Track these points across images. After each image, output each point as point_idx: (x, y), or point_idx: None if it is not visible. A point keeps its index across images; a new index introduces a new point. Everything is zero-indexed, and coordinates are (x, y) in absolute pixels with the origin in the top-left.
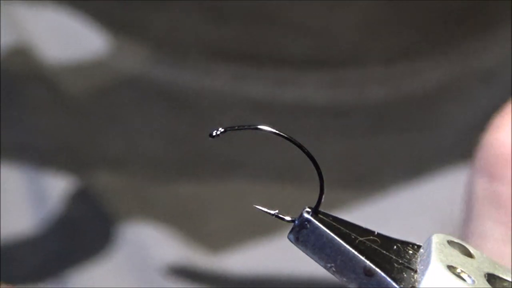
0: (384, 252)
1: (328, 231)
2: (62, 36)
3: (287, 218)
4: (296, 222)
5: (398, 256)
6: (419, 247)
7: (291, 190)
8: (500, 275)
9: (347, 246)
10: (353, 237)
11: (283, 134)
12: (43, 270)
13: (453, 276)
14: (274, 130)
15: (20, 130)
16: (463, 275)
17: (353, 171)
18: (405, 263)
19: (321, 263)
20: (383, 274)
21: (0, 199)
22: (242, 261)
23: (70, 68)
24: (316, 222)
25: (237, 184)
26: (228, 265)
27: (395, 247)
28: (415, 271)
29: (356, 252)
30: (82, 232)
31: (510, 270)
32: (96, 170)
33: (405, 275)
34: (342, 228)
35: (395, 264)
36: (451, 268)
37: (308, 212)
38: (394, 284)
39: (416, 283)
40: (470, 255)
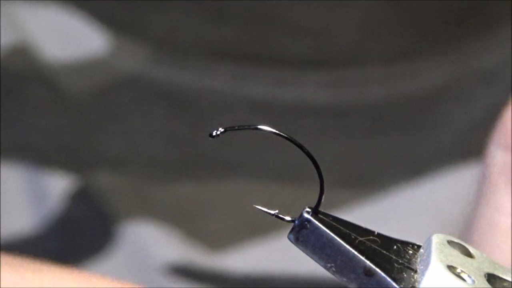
0: (384, 252)
1: (328, 231)
2: (62, 35)
3: (287, 218)
4: (296, 222)
5: (398, 256)
6: (419, 247)
7: (291, 190)
8: (500, 275)
9: (347, 246)
10: (353, 237)
11: (283, 134)
12: None
13: (453, 276)
14: (274, 130)
15: (20, 130)
16: (463, 275)
17: (353, 171)
18: (405, 263)
19: (321, 263)
20: (383, 274)
21: (0, 198)
22: (242, 260)
23: (70, 67)
24: (316, 222)
25: (237, 184)
26: (228, 265)
27: (395, 247)
28: (415, 271)
29: (356, 252)
30: (82, 232)
31: (510, 270)
32: (96, 170)
33: (405, 275)
34: (342, 228)
35: (395, 264)
36: (451, 268)
37: (308, 212)
38: (394, 284)
39: (416, 283)
40: (470, 255)
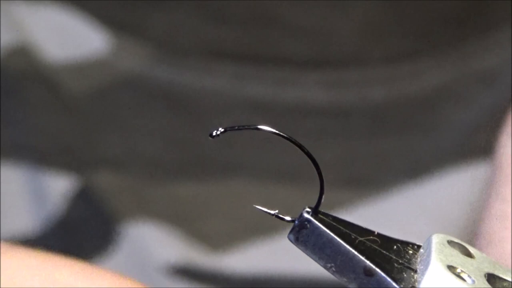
0: (384, 252)
1: (328, 231)
2: (62, 36)
3: (287, 218)
4: (296, 222)
5: (398, 256)
6: (419, 247)
7: (291, 191)
8: (500, 275)
9: (347, 246)
10: (353, 237)
11: (283, 134)
12: None
13: (453, 276)
14: (274, 130)
15: (21, 130)
16: (463, 275)
17: (353, 171)
18: (405, 263)
19: (321, 263)
20: (383, 274)
21: (1, 199)
22: (243, 261)
23: (71, 68)
24: (316, 222)
25: (237, 185)
26: (229, 265)
27: (395, 247)
28: (415, 271)
29: (356, 252)
30: (83, 232)
31: (510, 270)
32: (97, 170)
33: (405, 275)
34: (342, 228)
35: (395, 264)
36: (451, 268)
37: (308, 212)
38: (394, 284)
39: (416, 283)
40: (470, 255)
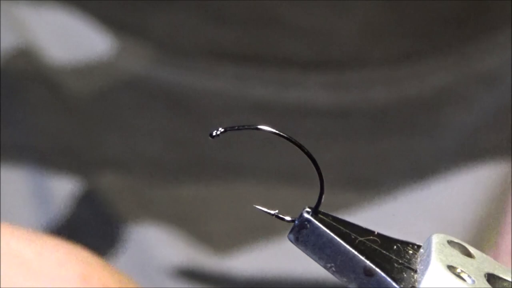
0: (384, 252)
1: (328, 231)
2: (64, 37)
3: (287, 218)
4: (296, 222)
5: (398, 256)
6: (419, 247)
7: (293, 191)
8: (500, 275)
9: (347, 246)
10: (353, 237)
11: (283, 134)
12: None
13: (453, 276)
14: (274, 130)
15: (23, 131)
16: (463, 275)
17: (355, 173)
18: (405, 263)
19: (321, 263)
20: (383, 274)
21: (4, 201)
22: (246, 262)
23: (72, 69)
24: (316, 222)
25: (239, 185)
26: (232, 266)
27: (395, 247)
28: (415, 271)
29: (356, 252)
30: (85, 233)
31: (510, 270)
32: (99, 171)
33: (405, 275)
34: (342, 228)
35: (395, 264)
36: (451, 268)
37: (308, 212)
38: (394, 284)
39: (416, 283)
40: (470, 255)
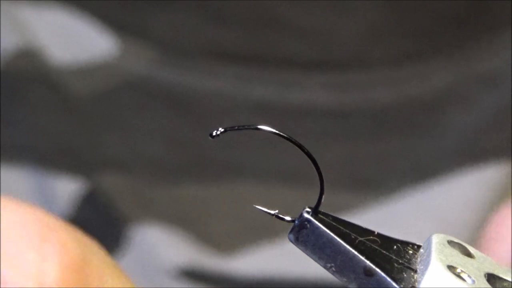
0: (384, 252)
1: (328, 231)
2: (65, 37)
3: (287, 218)
4: (296, 222)
5: (398, 256)
6: (419, 247)
7: (294, 192)
8: (500, 275)
9: (347, 246)
10: (353, 237)
11: (283, 134)
12: None
13: (453, 276)
14: (274, 130)
15: (24, 132)
16: (463, 275)
17: (357, 173)
18: (405, 263)
19: (321, 263)
20: (383, 274)
21: None
22: (248, 262)
23: (74, 69)
24: (316, 222)
25: (240, 186)
26: (234, 266)
27: (395, 247)
28: (415, 271)
29: (356, 252)
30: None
31: (510, 270)
32: (101, 172)
33: (405, 275)
34: (342, 228)
35: (395, 264)
36: (451, 268)
37: (308, 212)
38: (394, 284)
39: (416, 283)
40: (470, 255)
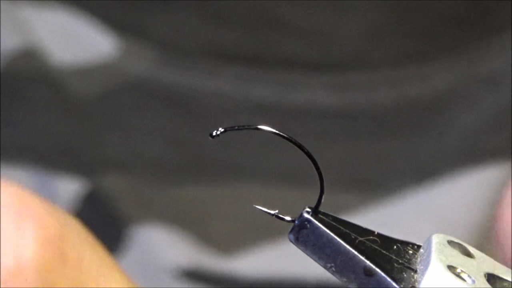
0: (384, 252)
1: (328, 231)
2: (67, 38)
3: (287, 218)
4: (296, 222)
5: (398, 256)
6: (419, 247)
7: (296, 192)
8: (500, 275)
9: (347, 246)
10: (353, 237)
11: (283, 134)
12: None
13: (453, 276)
14: (274, 130)
15: (24, 132)
16: (463, 275)
17: (358, 174)
18: (405, 263)
19: (321, 263)
20: (383, 274)
21: None
22: (248, 262)
23: (76, 70)
24: (316, 222)
25: (241, 186)
26: (235, 267)
27: (395, 247)
28: (415, 271)
29: (356, 252)
30: None
31: (510, 270)
32: (102, 172)
33: (405, 275)
34: (342, 228)
35: (395, 264)
36: (451, 268)
37: (308, 212)
38: (394, 284)
39: (416, 283)
40: (470, 255)
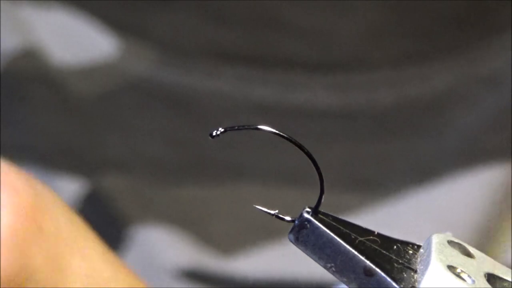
0: (384, 252)
1: (328, 231)
2: (67, 38)
3: (287, 218)
4: (296, 222)
5: (398, 256)
6: (419, 247)
7: (296, 192)
8: (500, 275)
9: (347, 246)
10: (353, 237)
11: (283, 134)
12: None
13: (453, 276)
14: (274, 130)
15: (24, 132)
16: (463, 275)
17: (359, 174)
18: (405, 263)
19: (321, 263)
20: (383, 274)
21: None
22: (249, 263)
23: (76, 70)
24: (316, 222)
25: (242, 186)
26: (235, 267)
27: (395, 247)
28: (415, 271)
29: (356, 252)
30: None
31: (510, 270)
32: (103, 173)
33: (405, 275)
34: (342, 228)
35: (395, 264)
36: (451, 268)
37: (308, 212)
38: (394, 284)
39: (416, 283)
40: (470, 255)
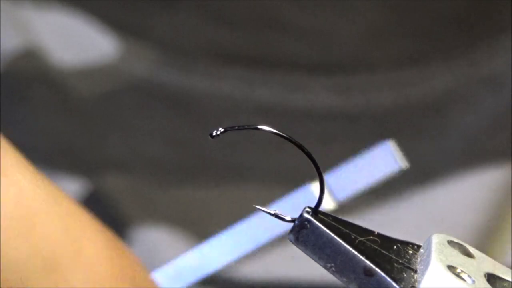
0: (384, 252)
1: (328, 231)
2: (67, 38)
3: (287, 218)
4: (296, 222)
5: (398, 256)
6: (419, 247)
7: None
8: (500, 275)
9: (347, 246)
10: (353, 237)
11: (283, 134)
12: None
13: (453, 276)
14: (274, 130)
15: (25, 132)
16: (463, 275)
17: None
18: (405, 263)
19: (321, 263)
20: (383, 274)
21: None
22: (251, 264)
23: (76, 70)
24: (316, 222)
25: (242, 186)
26: (236, 267)
27: (395, 247)
28: (415, 271)
29: (356, 252)
30: None
31: (510, 270)
32: (103, 173)
33: (405, 275)
34: (342, 228)
35: (395, 264)
36: (451, 268)
37: (308, 212)
38: (394, 284)
39: (416, 283)
40: (470, 255)
